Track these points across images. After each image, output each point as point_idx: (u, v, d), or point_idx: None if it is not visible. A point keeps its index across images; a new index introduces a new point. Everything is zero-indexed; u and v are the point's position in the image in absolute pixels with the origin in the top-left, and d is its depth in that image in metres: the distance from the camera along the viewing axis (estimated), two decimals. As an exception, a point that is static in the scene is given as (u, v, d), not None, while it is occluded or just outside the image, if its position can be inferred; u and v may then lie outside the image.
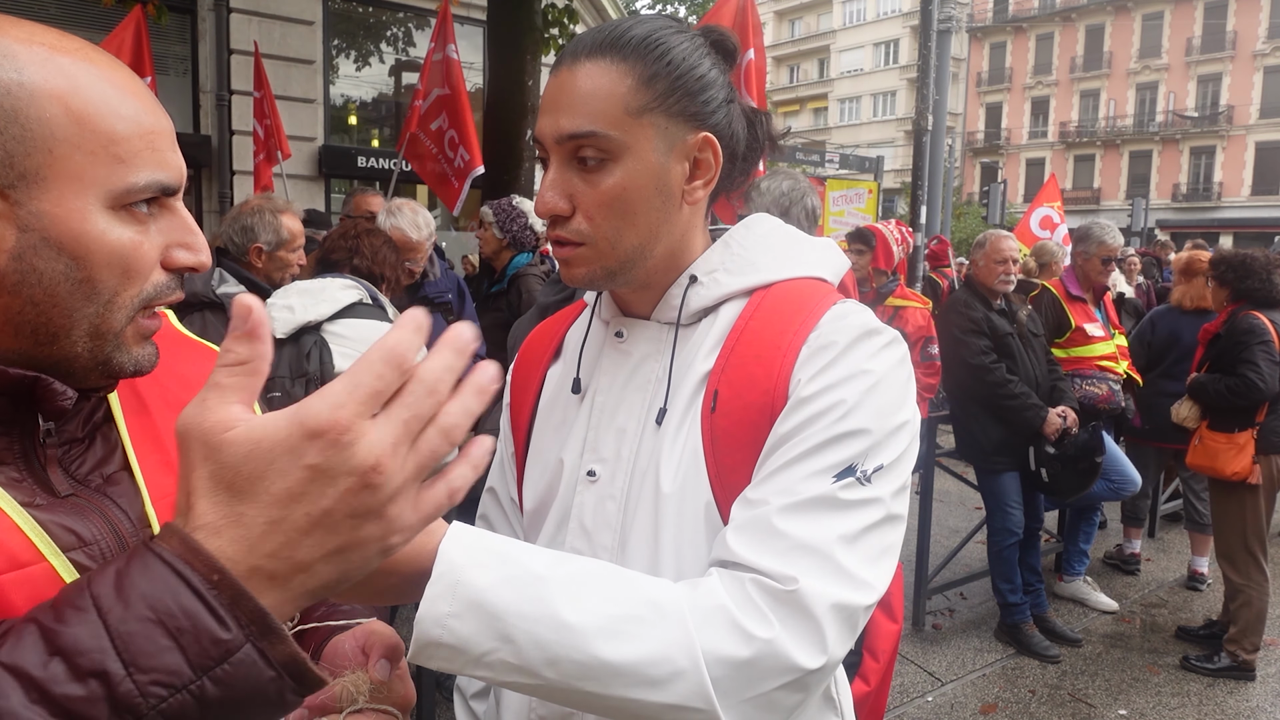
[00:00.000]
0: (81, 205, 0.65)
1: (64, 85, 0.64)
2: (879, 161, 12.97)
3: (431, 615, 0.71)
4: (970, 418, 4.22)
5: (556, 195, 0.90)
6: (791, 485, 0.82)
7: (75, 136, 0.64)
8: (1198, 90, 37.76)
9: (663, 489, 0.90)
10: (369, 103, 11.53)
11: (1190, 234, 19.39)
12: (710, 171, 0.93)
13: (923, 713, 3.62)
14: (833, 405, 0.84)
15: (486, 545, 0.75)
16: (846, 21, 49.98)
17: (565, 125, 0.88)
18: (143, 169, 0.67)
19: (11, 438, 0.69)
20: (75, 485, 0.73)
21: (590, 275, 0.93)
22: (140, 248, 0.68)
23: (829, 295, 0.96)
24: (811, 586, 0.76)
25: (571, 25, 7.70)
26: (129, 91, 0.68)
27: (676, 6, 19.35)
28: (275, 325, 2.30)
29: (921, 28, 7.83)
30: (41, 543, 0.66)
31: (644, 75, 0.88)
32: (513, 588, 0.72)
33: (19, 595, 0.64)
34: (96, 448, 0.76)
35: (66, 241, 0.65)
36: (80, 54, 0.67)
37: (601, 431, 0.97)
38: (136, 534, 0.73)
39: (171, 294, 0.72)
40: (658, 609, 0.75)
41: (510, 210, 3.92)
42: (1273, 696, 3.80)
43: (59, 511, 0.69)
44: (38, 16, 4.80)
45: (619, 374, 0.99)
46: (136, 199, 0.67)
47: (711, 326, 0.95)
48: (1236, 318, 3.94)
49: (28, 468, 0.70)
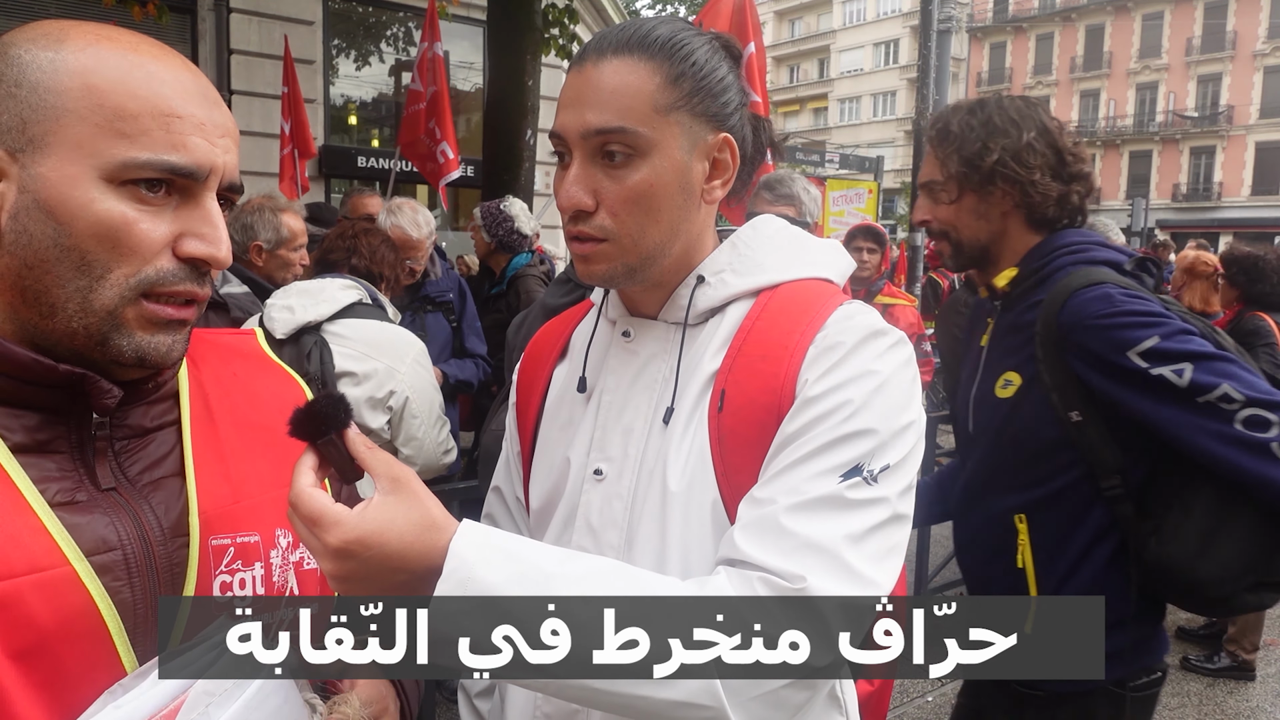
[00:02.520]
0: (75, 173, 0.67)
1: (89, 64, 0.68)
2: (879, 161, 12.97)
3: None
4: None
5: (581, 190, 0.89)
6: (799, 484, 0.82)
7: (83, 109, 0.67)
8: (1198, 90, 37.74)
9: (670, 487, 0.90)
10: (369, 103, 11.53)
11: (1190, 234, 19.39)
12: (728, 172, 0.95)
13: (923, 713, 3.62)
14: (840, 405, 0.84)
15: (496, 543, 0.75)
16: (846, 21, 49.98)
17: (593, 120, 0.87)
18: (148, 147, 0.68)
19: (68, 427, 0.72)
20: (121, 481, 0.74)
21: (610, 272, 0.92)
22: (133, 225, 0.68)
23: (835, 296, 0.96)
24: (819, 585, 0.77)
25: (571, 25, 7.70)
26: (164, 79, 0.70)
27: (677, 6, 19.34)
28: (275, 326, 2.30)
29: (921, 28, 7.83)
30: (66, 546, 0.67)
31: (671, 74, 0.89)
32: (522, 585, 0.73)
33: (38, 598, 0.65)
34: (154, 448, 0.77)
35: (54, 205, 0.67)
36: (125, 43, 0.70)
37: (608, 430, 0.98)
38: (165, 542, 0.74)
39: (180, 283, 0.72)
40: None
41: (497, 213, 3.91)
42: (1273, 696, 3.80)
43: (93, 512, 0.70)
44: (37, 16, 4.81)
45: (626, 373, 0.99)
46: (135, 175, 0.68)
47: (719, 327, 0.96)
48: (1243, 318, 3.94)
49: (80, 457, 0.72)
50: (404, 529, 0.72)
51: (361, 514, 0.70)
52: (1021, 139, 1.49)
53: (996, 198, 1.51)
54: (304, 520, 0.71)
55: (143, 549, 0.72)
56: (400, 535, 0.71)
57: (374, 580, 0.72)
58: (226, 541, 0.77)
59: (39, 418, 0.71)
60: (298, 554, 0.83)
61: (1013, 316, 1.57)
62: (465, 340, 3.65)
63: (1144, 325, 1.37)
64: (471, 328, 3.69)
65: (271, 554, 0.81)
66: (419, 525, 0.72)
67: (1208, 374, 1.34)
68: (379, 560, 0.71)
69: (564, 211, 0.91)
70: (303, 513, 0.71)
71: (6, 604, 0.63)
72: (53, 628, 0.66)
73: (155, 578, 0.72)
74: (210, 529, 0.76)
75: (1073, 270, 1.47)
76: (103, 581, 0.69)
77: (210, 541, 0.76)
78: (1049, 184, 1.50)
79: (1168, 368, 1.35)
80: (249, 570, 0.78)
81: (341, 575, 0.71)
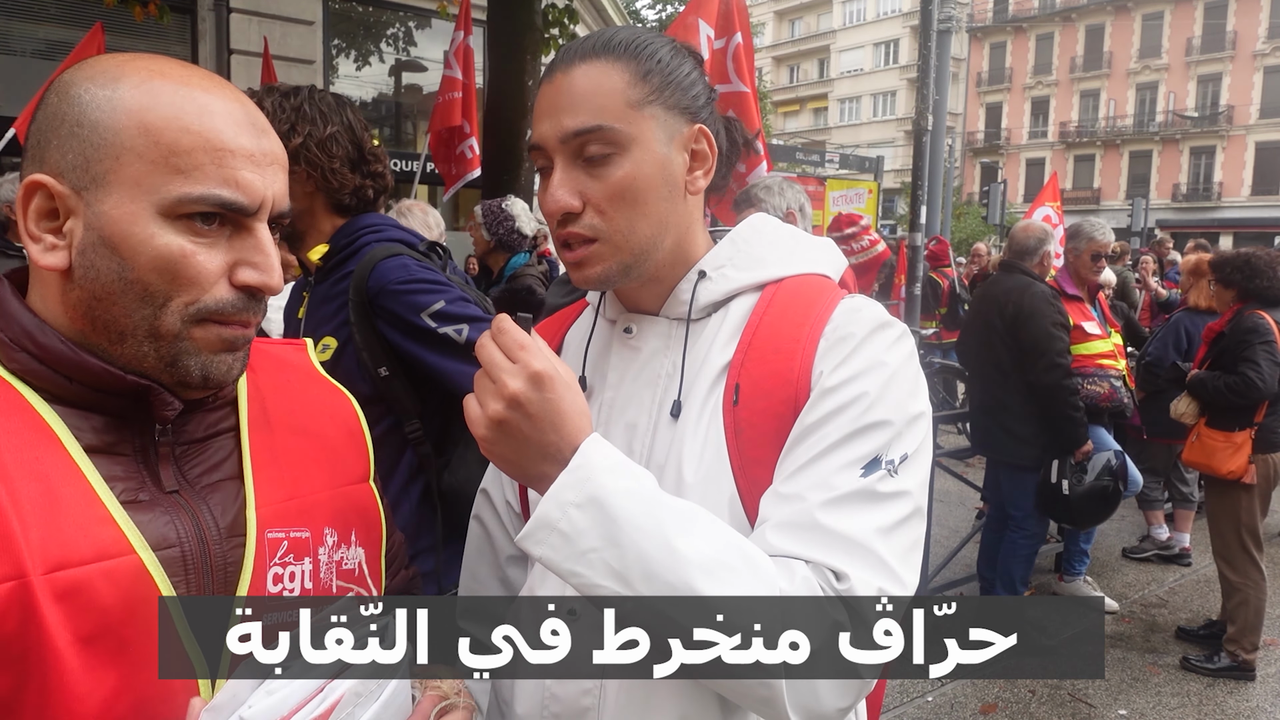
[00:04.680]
0: (135, 209, 0.71)
1: (144, 101, 0.72)
2: (879, 161, 13.00)
3: (557, 499, 0.77)
4: (1021, 418, 4.04)
5: (566, 193, 0.90)
6: (826, 479, 0.83)
7: (140, 146, 0.71)
8: (1198, 90, 37.77)
9: (686, 479, 0.91)
10: (369, 103, 11.53)
11: (1190, 234, 19.37)
12: (708, 162, 0.96)
13: (923, 713, 3.63)
14: (857, 397, 0.86)
15: (619, 459, 0.81)
16: (846, 21, 50.00)
17: (569, 124, 0.89)
18: (202, 183, 0.72)
19: (132, 432, 0.76)
20: (183, 484, 0.78)
21: (605, 272, 0.93)
22: (191, 257, 0.73)
23: (836, 290, 0.98)
24: (861, 581, 0.79)
25: (571, 25, 7.70)
26: (215, 111, 0.73)
27: (677, 6, 19.35)
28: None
29: (921, 28, 7.83)
30: (133, 537, 0.71)
31: (639, 71, 0.91)
32: (634, 500, 0.77)
33: (106, 584, 0.68)
34: (212, 453, 0.81)
35: (118, 241, 0.71)
36: (177, 77, 0.74)
37: (611, 427, 0.98)
38: (221, 541, 0.78)
39: (240, 313, 0.76)
40: (755, 570, 0.78)
41: (499, 212, 3.91)
42: (1273, 696, 3.80)
43: (156, 511, 0.74)
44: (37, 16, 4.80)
45: (628, 370, 0.99)
46: (191, 210, 0.72)
47: (724, 320, 0.97)
48: (1241, 316, 3.94)
49: (143, 460, 0.76)
50: (578, 397, 0.81)
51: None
52: (325, 130, 1.63)
53: (301, 178, 1.63)
54: (512, 344, 0.78)
55: (199, 548, 0.76)
56: (575, 399, 0.80)
57: (534, 434, 0.78)
58: (280, 535, 0.81)
59: (105, 421, 0.75)
60: (339, 553, 0.87)
61: (326, 288, 1.72)
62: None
63: (433, 292, 1.61)
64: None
65: (319, 551, 0.85)
66: (584, 407, 0.82)
67: (479, 333, 1.54)
68: (552, 408, 0.78)
69: (551, 217, 0.92)
70: (511, 338, 0.79)
71: (76, 590, 0.67)
72: (120, 614, 0.69)
73: (210, 576, 0.76)
74: (266, 524, 0.80)
75: (376, 245, 1.67)
76: None
77: (266, 534, 0.80)
78: (346, 174, 1.67)
79: (451, 327, 1.60)
80: (299, 564, 0.82)
81: (511, 420, 0.77)
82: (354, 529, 0.89)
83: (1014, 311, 3.96)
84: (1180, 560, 5.24)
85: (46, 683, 0.65)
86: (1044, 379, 3.89)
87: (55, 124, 0.72)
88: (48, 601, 0.65)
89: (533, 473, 0.80)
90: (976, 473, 5.55)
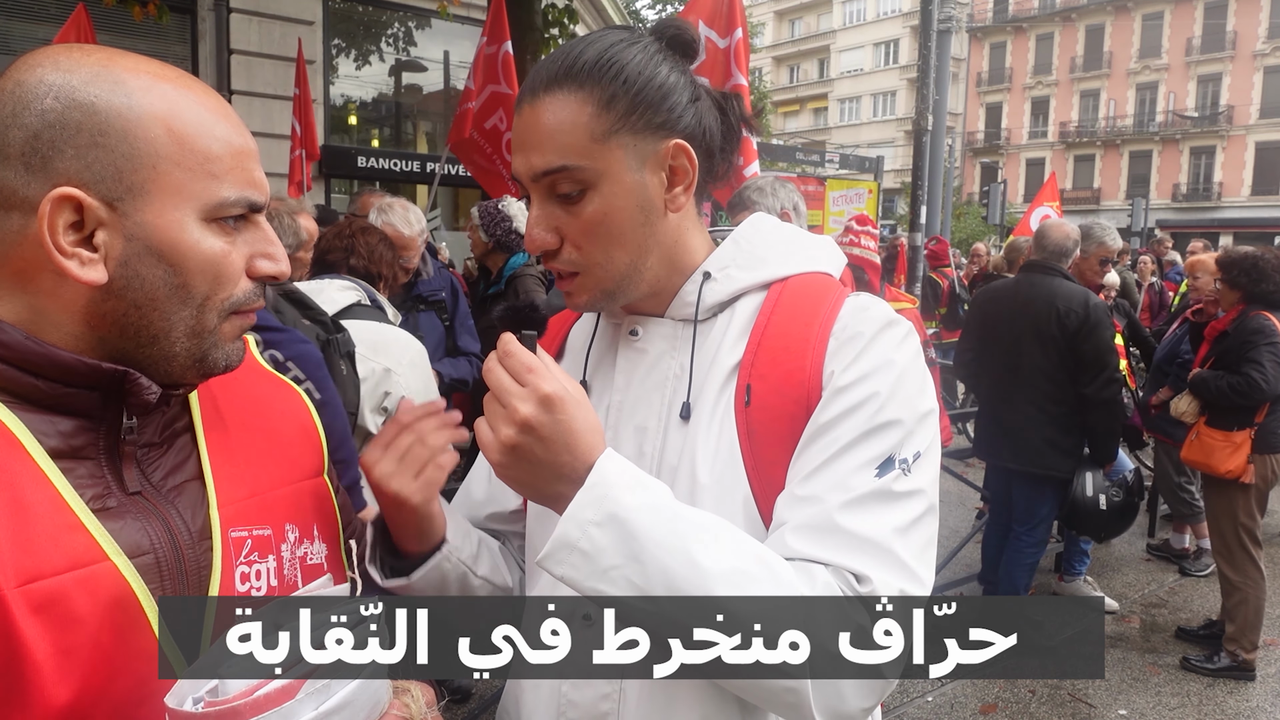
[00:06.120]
0: (179, 217, 0.72)
1: (166, 108, 0.72)
2: (879, 161, 13.00)
3: (576, 518, 0.77)
4: (1067, 429, 3.93)
5: (543, 230, 0.91)
6: (843, 480, 0.84)
7: (176, 154, 0.71)
8: (1198, 90, 37.75)
9: (700, 480, 0.90)
10: (369, 103, 11.53)
11: (1190, 234, 19.35)
12: (688, 176, 0.93)
13: (923, 713, 3.63)
14: (869, 396, 0.86)
15: (635, 473, 0.80)
16: (846, 21, 49.99)
17: (537, 163, 0.89)
18: (234, 186, 0.74)
19: (99, 433, 0.74)
20: (146, 486, 0.77)
21: (592, 300, 0.95)
22: (228, 257, 0.75)
23: (839, 288, 0.98)
24: (882, 582, 0.80)
25: (571, 25, 7.70)
26: (220, 115, 0.76)
27: (676, 6, 19.34)
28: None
29: (921, 28, 7.83)
30: (105, 542, 0.70)
31: (602, 99, 0.87)
32: (654, 515, 0.77)
33: (82, 593, 0.67)
34: (171, 455, 0.80)
35: (166, 249, 0.72)
36: (179, 81, 0.74)
37: (620, 430, 0.98)
38: (193, 545, 0.77)
39: (257, 301, 0.79)
40: (775, 577, 0.78)
41: (495, 213, 3.91)
42: (1273, 696, 3.80)
43: (127, 518, 0.73)
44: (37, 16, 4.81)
45: (635, 372, 0.99)
46: (227, 213, 0.74)
47: (730, 320, 0.96)
48: (1246, 316, 3.93)
49: (109, 463, 0.75)
50: (590, 414, 0.80)
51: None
52: None
53: None
54: (520, 367, 0.78)
55: (173, 554, 0.75)
56: (586, 417, 0.79)
57: (547, 456, 0.77)
58: (244, 534, 0.81)
59: (73, 423, 0.73)
60: (302, 549, 0.86)
61: None
62: (458, 339, 3.65)
63: None
64: (464, 326, 3.69)
65: (282, 547, 0.84)
66: (597, 424, 0.81)
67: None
68: (564, 429, 0.77)
69: (531, 253, 0.93)
70: (519, 361, 0.78)
71: (52, 601, 0.65)
72: (97, 622, 0.67)
73: (185, 580, 0.75)
74: (229, 523, 0.80)
75: None
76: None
77: (230, 533, 0.79)
78: None
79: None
80: (264, 562, 0.82)
81: (523, 444, 0.77)
82: (314, 524, 0.89)
83: (1078, 323, 3.77)
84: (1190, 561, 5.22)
85: (27, 697, 0.63)
86: (1103, 393, 3.80)
87: (66, 133, 0.68)
88: (24, 615, 0.63)
89: (548, 493, 0.80)
90: (976, 473, 5.55)
